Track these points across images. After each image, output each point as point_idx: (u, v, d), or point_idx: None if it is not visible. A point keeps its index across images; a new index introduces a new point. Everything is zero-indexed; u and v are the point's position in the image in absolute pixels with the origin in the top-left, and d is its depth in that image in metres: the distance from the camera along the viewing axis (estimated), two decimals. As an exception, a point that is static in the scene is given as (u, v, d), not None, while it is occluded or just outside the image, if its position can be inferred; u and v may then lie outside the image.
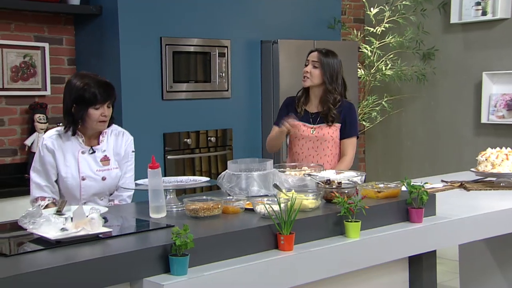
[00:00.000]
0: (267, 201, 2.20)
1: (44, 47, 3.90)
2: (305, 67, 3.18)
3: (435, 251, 2.59)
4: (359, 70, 5.19)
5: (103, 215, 2.07)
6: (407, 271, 2.58)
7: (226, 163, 2.86)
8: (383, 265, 2.42)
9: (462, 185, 3.24)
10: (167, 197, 2.36)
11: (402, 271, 2.56)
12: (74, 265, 1.71)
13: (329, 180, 2.49)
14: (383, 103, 5.40)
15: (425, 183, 2.60)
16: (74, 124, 2.56)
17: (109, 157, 2.64)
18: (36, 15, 3.87)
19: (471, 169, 3.37)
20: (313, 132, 3.20)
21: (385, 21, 5.30)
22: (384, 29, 5.30)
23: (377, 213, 2.41)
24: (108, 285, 1.77)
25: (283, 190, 2.39)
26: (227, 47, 4.29)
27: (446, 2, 5.19)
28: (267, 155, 4.25)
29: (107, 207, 2.42)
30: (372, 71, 5.35)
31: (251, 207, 2.27)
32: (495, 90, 4.97)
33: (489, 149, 3.31)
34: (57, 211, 2.23)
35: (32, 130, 3.83)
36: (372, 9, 5.31)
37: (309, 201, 2.30)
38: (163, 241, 1.89)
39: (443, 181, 3.37)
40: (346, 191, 2.38)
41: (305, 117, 3.23)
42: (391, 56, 5.35)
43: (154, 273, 1.84)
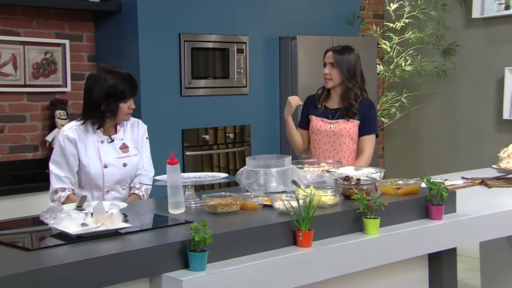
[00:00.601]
0: (286, 197, 2.20)
1: (64, 44, 3.94)
2: (324, 69, 3.19)
3: (455, 248, 2.57)
4: (378, 66, 5.15)
5: (122, 211, 2.09)
6: (427, 268, 2.56)
7: (244, 159, 2.86)
8: (402, 262, 2.40)
9: (483, 182, 3.20)
10: (186, 193, 2.37)
11: (421, 269, 2.54)
12: (94, 260, 1.73)
13: (348, 176, 2.48)
14: (402, 99, 5.35)
15: (445, 180, 2.58)
16: (102, 118, 2.64)
17: (127, 144, 2.72)
18: (57, 12, 3.91)
19: (493, 166, 3.32)
20: (330, 127, 3.19)
21: (405, 16, 5.24)
22: (403, 24, 5.25)
23: (396, 210, 2.39)
24: (127, 280, 1.79)
25: (302, 186, 2.38)
26: (245, 43, 4.29)
27: (467, -4, 5.12)
28: (285, 152, 4.25)
29: (127, 203, 2.44)
30: (391, 67, 5.31)
31: (270, 203, 2.27)
32: (517, 85, 4.90)
33: (511, 146, 3.26)
34: (77, 207, 2.25)
35: (52, 126, 3.87)
36: (392, 4, 5.26)
37: (328, 197, 2.30)
38: (182, 237, 1.90)
39: (463, 178, 3.33)
40: (365, 188, 2.37)
41: (324, 113, 3.24)
42: (411, 52, 5.30)
43: (173, 268, 1.85)
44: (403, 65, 5.23)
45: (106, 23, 4.03)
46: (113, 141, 2.69)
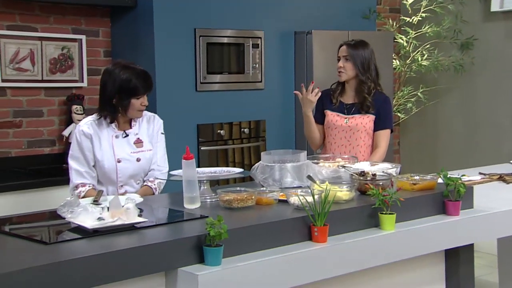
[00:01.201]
0: (301, 192, 2.20)
1: (81, 39, 3.97)
2: (338, 63, 3.17)
3: (473, 244, 2.54)
4: (394, 60, 5.11)
5: (138, 206, 2.10)
6: (443, 264, 2.54)
7: (259, 154, 2.86)
8: (418, 258, 2.38)
9: (501, 178, 3.17)
10: (201, 188, 2.38)
11: (438, 265, 2.52)
12: (110, 254, 1.74)
13: (364, 171, 2.47)
14: (418, 94, 5.31)
15: (462, 176, 2.55)
16: (114, 112, 2.65)
17: (142, 139, 2.73)
18: (74, 8, 3.94)
19: (511, 162, 3.28)
20: (346, 122, 3.18)
21: (422, 10, 5.19)
22: (420, 18, 5.20)
23: (413, 206, 2.37)
24: (143, 274, 1.80)
25: (317, 181, 2.38)
26: (260, 38, 4.28)
27: (486, -10, 5.06)
28: (300, 147, 4.24)
29: (142, 197, 2.45)
30: (407, 61, 5.27)
31: (285, 199, 2.26)
32: (537, 80, 4.83)
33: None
34: (93, 201, 2.27)
35: (69, 121, 3.90)
36: (408, -2, 5.21)
37: (343, 192, 2.29)
38: (197, 232, 1.91)
39: (481, 173, 3.30)
40: (380, 183, 2.36)
41: (340, 108, 3.22)
42: (428, 46, 5.25)
43: (188, 263, 1.85)
44: (419, 59, 5.19)
45: (122, 18, 4.05)
46: (127, 136, 2.70)
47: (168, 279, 1.86)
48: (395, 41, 5.21)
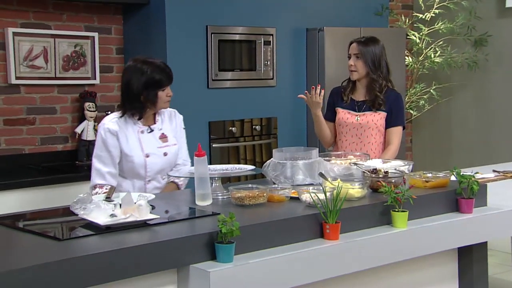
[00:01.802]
0: (313, 189, 2.19)
1: (93, 37, 3.98)
2: (349, 61, 3.15)
3: (486, 242, 2.52)
4: (406, 57, 5.08)
5: (150, 203, 2.11)
6: (457, 262, 2.52)
7: (270, 151, 2.86)
8: (431, 256, 2.37)
9: (514, 176, 3.14)
10: (213, 185, 2.38)
11: (451, 263, 2.51)
12: (123, 250, 1.75)
13: (376, 169, 2.46)
14: (431, 91, 5.27)
15: (476, 173, 2.53)
16: (142, 108, 2.68)
17: (166, 134, 2.76)
18: (86, 6, 3.95)
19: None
20: (357, 119, 3.16)
21: (435, 6, 5.15)
22: (433, 15, 5.16)
23: (425, 203, 2.36)
24: (155, 271, 1.80)
25: (329, 179, 2.37)
26: (272, 35, 4.27)
27: (500, -15, 5.01)
28: (312, 144, 4.23)
29: (155, 194, 2.47)
30: (420, 58, 5.23)
31: (297, 196, 2.26)
32: (551, 77, 4.78)
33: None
34: (106, 198, 2.28)
35: (82, 118, 3.92)
36: (421, -6, 5.17)
37: (355, 190, 2.28)
38: (209, 229, 1.91)
39: (494, 171, 3.27)
40: (393, 181, 2.35)
41: (351, 105, 3.21)
42: (441, 43, 5.21)
43: (200, 260, 1.86)
44: (432, 56, 5.15)
45: (134, 16, 4.06)
46: (152, 131, 2.73)
47: (180, 276, 1.87)
48: (408, 38, 5.18)
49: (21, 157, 3.78)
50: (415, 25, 5.34)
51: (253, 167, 2.61)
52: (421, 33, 5.19)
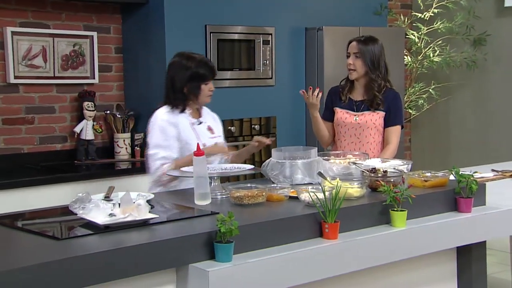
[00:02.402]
0: (312, 189, 2.19)
1: (92, 36, 3.98)
2: (348, 59, 3.15)
3: (485, 242, 2.53)
4: (405, 57, 5.08)
5: (149, 202, 2.11)
6: (455, 261, 2.53)
7: (269, 151, 2.86)
8: (430, 255, 2.38)
9: (513, 175, 3.15)
10: (212, 184, 2.38)
11: (450, 262, 2.51)
12: (122, 249, 1.75)
13: (375, 168, 2.46)
14: (430, 90, 5.27)
15: (474, 172, 2.53)
16: (185, 100, 2.79)
17: (212, 127, 2.91)
18: (85, 5, 3.95)
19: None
20: (356, 119, 3.16)
21: (434, 6, 5.15)
22: (432, 14, 5.16)
23: (424, 202, 2.36)
24: (154, 270, 1.80)
25: (328, 178, 2.37)
26: (271, 34, 4.27)
27: (499, -16, 5.01)
28: (311, 143, 4.23)
29: (154, 193, 2.46)
30: (419, 58, 5.23)
31: (296, 195, 2.26)
32: (550, 76, 4.78)
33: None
34: (105, 197, 2.28)
35: (81, 117, 3.92)
36: (420, -6, 5.18)
37: (354, 189, 2.28)
38: (208, 228, 1.91)
39: (493, 170, 3.27)
40: (392, 180, 2.35)
41: (349, 105, 3.20)
42: (440, 42, 5.21)
43: (199, 259, 1.86)
44: (431, 56, 5.15)
45: (133, 15, 4.06)
46: (201, 123, 2.87)
47: (179, 275, 1.87)
48: (407, 37, 5.18)
49: (20, 157, 3.78)
50: (414, 24, 5.34)
51: (252, 166, 2.61)
52: (420, 33, 5.19)
